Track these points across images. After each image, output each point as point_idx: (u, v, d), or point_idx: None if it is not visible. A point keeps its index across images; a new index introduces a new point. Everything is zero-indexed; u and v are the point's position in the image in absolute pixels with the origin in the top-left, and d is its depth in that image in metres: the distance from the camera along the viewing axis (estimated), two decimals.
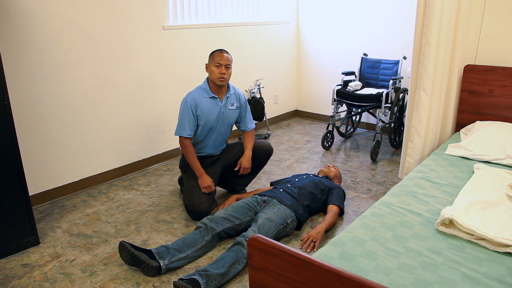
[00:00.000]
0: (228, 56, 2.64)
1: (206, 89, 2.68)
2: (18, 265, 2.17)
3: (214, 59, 2.61)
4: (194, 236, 2.21)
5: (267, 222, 2.22)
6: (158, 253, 2.08)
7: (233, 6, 4.02)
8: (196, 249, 2.16)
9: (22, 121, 2.64)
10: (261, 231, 2.17)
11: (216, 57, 2.61)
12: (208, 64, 2.65)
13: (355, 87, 3.76)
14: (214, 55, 2.63)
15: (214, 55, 2.63)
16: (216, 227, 2.25)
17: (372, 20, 4.20)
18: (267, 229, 2.20)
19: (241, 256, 2.04)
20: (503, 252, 1.60)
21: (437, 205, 1.98)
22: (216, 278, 1.92)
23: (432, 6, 2.55)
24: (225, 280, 1.97)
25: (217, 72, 2.60)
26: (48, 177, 2.84)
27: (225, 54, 2.63)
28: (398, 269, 1.50)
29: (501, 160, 2.49)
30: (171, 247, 2.12)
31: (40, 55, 2.65)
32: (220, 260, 2.00)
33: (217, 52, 2.64)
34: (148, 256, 2.06)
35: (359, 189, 3.04)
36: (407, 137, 2.88)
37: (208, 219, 2.29)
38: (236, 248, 2.06)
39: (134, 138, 3.34)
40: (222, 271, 1.95)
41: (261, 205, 2.42)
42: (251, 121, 2.88)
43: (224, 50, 2.65)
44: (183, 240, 2.18)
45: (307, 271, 1.27)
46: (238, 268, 2.02)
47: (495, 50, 2.98)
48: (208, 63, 2.66)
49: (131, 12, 3.09)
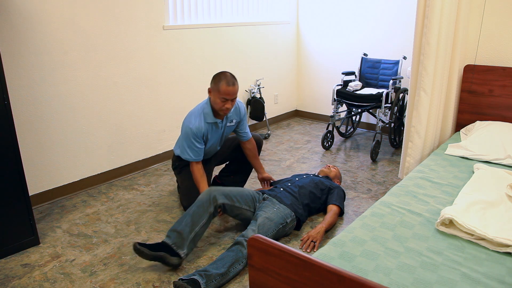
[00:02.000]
0: (235, 88, 2.38)
1: (210, 114, 2.49)
2: (18, 265, 2.17)
3: (220, 91, 2.35)
4: (198, 210, 2.17)
5: (266, 222, 2.22)
6: (175, 244, 2.08)
7: (233, 6, 4.02)
8: (202, 224, 2.15)
9: (22, 121, 2.64)
10: (261, 230, 2.17)
11: (222, 90, 2.35)
12: (212, 92, 2.41)
13: (355, 87, 3.76)
14: (220, 88, 2.35)
15: (221, 88, 2.34)
16: (218, 198, 2.22)
17: (372, 20, 4.21)
18: (267, 228, 2.20)
19: (241, 256, 2.03)
20: (503, 252, 1.60)
21: (437, 205, 1.98)
22: (216, 278, 1.92)
23: (432, 6, 2.55)
24: (225, 280, 1.97)
25: (222, 106, 2.40)
26: (48, 177, 2.84)
27: (233, 87, 2.36)
28: (398, 269, 1.50)
29: (501, 160, 2.49)
30: (181, 229, 2.10)
31: (40, 55, 2.65)
32: (220, 260, 2.00)
33: (224, 85, 2.34)
34: (167, 253, 2.06)
35: (359, 189, 3.04)
36: (407, 137, 2.88)
37: (210, 190, 2.24)
38: (236, 248, 2.06)
39: (134, 138, 3.34)
40: (222, 271, 1.95)
41: (261, 202, 2.41)
42: (248, 128, 2.80)
43: (231, 81, 2.36)
44: (190, 217, 2.14)
45: (307, 271, 1.27)
46: (238, 268, 2.02)
47: (495, 50, 2.98)
48: (211, 89, 2.42)
49: (131, 12, 3.09)
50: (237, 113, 2.66)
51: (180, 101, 3.63)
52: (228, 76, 2.38)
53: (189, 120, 2.49)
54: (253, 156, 2.80)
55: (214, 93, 2.40)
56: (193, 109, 2.57)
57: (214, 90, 2.39)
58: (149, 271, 2.11)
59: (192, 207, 2.19)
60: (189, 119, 2.50)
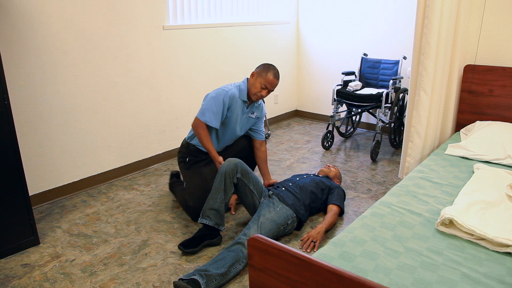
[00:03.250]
0: (277, 83, 2.57)
1: (244, 90, 2.59)
2: (18, 265, 2.17)
3: (266, 79, 2.51)
4: (227, 181, 2.28)
5: (268, 222, 2.22)
6: (216, 223, 2.27)
7: (233, 6, 4.02)
8: (231, 195, 2.31)
9: (22, 121, 2.64)
10: (263, 230, 2.18)
11: (268, 79, 2.52)
12: (256, 76, 2.55)
13: (355, 87, 3.76)
14: (267, 75, 2.52)
15: (268, 76, 2.52)
16: (238, 172, 2.31)
17: (372, 20, 4.21)
18: (269, 229, 2.20)
19: (241, 256, 2.04)
20: (503, 252, 1.60)
21: (437, 205, 1.98)
22: (216, 278, 1.92)
23: (432, 6, 2.55)
24: (225, 280, 1.97)
25: (260, 92, 2.54)
26: (48, 177, 2.84)
27: (277, 81, 2.56)
28: (398, 269, 1.50)
29: (501, 160, 2.49)
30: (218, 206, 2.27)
31: (40, 55, 2.65)
32: (220, 260, 2.00)
33: (272, 75, 2.53)
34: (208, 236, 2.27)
35: (359, 189, 3.04)
36: (407, 137, 2.88)
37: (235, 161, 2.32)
38: (237, 248, 2.06)
39: (134, 138, 3.34)
40: (222, 271, 1.95)
41: (265, 198, 2.43)
42: (263, 131, 2.85)
43: (278, 75, 2.56)
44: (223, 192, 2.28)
45: (307, 271, 1.27)
46: (238, 268, 2.02)
47: (495, 50, 2.98)
48: (256, 73, 2.56)
49: (131, 12, 3.09)
50: (260, 109, 2.75)
51: (180, 101, 3.63)
52: (276, 70, 2.57)
53: (225, 87, 2.57)
54: (264, 160, 2.81)
55: (258, 77, 2.53)
56: (224, 86, 2.62)
57: (260, 75, 2.53)
58: (149, 271, 2.11)
59: (221, 181, 2.28)
60: (224, 87, 2.58)
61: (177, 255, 2.24)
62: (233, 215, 2.69)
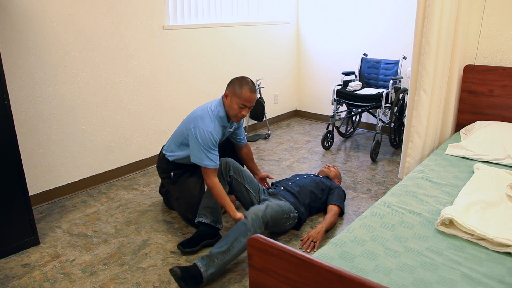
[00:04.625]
0: (256, 96, 2.28)
1: (224, 118, 2.33)
2: (18, 265, 2.17)
3: (241, 97, 2.23)
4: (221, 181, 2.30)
5: (275, 206, 2.22)
6: (213, 221, 2.28)
7: (233, 6, 4.02)
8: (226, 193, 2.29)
9: (22, 121, 2.64)
10: (269, 209, 2.13)
11: (244, 96, 2.23)
12: (230, 96, 2.27)
13: (355, 87, 3.76)
14: (242, 93, 2.22)
15: (243, 94, 2.22)
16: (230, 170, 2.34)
17: (372, 20, 4.21)
18: (275, 211, 2.18)
19: (244, 229, 1.96)
20: (503, 252, 1.60)
21: (437, 205, 1.98)
22: (218, 257, 1.91)
23: (432, 6, 2.55)
24: (229, 256, 1.93)
25: (239, 113, 2.28)
26: (48, 177, 2.84)
27: (255, 95, 2.27)
28: (398, 269, 1.50)
29: (501, 160, 2.49)
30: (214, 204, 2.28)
31: (40, 55, 2.65)
32: (222, 239, 1.98)
33: (247, 91, 2.23)
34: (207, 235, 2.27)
35: (359, 189, 3.04)
36: (407, 137, 2.88)
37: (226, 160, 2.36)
38: (240, 223, 2.00)
39: (134, 138, 3.34)
40: (224, 248, 1.93)
41: (266, 195, 2.46)
42: (244, 137, 2.71)
43: (253, 88, 2.27)
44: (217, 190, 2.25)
45: (307, 271, 1.27)
46: (242, 242, 1.94)
47: (495, 50, 2.98)
48: (229, 93, 2.27)
49: (131, 12, 3.09)
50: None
51: (180, 101, 3.63)
52: (250, 82, 2.27)
53: (206, 124, 2.24)
54: (250, 160, 2.77)
55: (233, 98, 2.25)
56: (200, 111, 2.32)
57: (234, 95, 2.25)
58: (149, 271, 2.11)
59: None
60: (203, 123, 2.24)
61: (177, 255, 2.24)
62: None
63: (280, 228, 2.32)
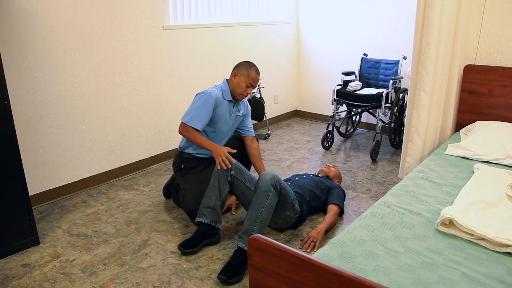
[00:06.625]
0: (259, 78, 2.60)
1: (227, 91, 2.57)
2: (18, 265, 2.17)
3: (249, 77, 2.51)
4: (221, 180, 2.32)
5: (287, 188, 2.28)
6: (213, 221, 2.30)
7: (233, 6, 4.02)
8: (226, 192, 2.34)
9: (22, 121, 2.64)
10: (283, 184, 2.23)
11: (252, 76, 2.52)
12: (238, 75, 2.53)
13: (355, 87, 3.76)
14: (250, 73, 2.52)
15: (251, 74, 2.52)
16: (232, 169, 2.35)
17: (372, 20, 4.21)
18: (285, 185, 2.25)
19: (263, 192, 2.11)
20: (503, 252, 1.60)
21: (437, 205, 1.98)
22: (253, 228, 2.07)
23: (432, 6, 2.55)
24: (263, 221, 2.09)
25: (245, 91, 2.53)
26: (48, 177, 2.84)
27: (259, 76, 2.57)
28: (398, 269, 1.50)
29: (501, 160, 2.49)
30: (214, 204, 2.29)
31: (40, 55, 2.65)
32: (250, 210, 2.13)
33: (254, 72, 2.53)
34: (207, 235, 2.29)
35: (359, 189, 3.04)
36: (407, 137, 2.88)
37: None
38: (257, 191, 2.14)
39: (134, 138, 3.34)
40: (254, 217, 2.08)
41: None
42: (252, 127, 2.81)
43: (259, 71, 2.58)
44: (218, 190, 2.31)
45: (307, 271, 1.27)
46: (267, 203, 2.11)
47: (495, 50, 2.98)
48: (238, 73, 2.53)
49: (131, 12, 3.09)
50: (245, 105, 2.74)
51: (180, 101, 3.63)
52: (255, 66, 2.58)
53: (207, 89, 2.54)
54: (257, 157, 2.75)
55: (241, 77, 2.52)
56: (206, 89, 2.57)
57: (242, 75, 2.52)
58: (149, 271, 2.11)
59: (215, 179, 2.32)
60: (208, 90, 2.53)
61: (177, 255, 2.24)
62: (233, 215, 2.69)
63: (283, 212, 2.31)
